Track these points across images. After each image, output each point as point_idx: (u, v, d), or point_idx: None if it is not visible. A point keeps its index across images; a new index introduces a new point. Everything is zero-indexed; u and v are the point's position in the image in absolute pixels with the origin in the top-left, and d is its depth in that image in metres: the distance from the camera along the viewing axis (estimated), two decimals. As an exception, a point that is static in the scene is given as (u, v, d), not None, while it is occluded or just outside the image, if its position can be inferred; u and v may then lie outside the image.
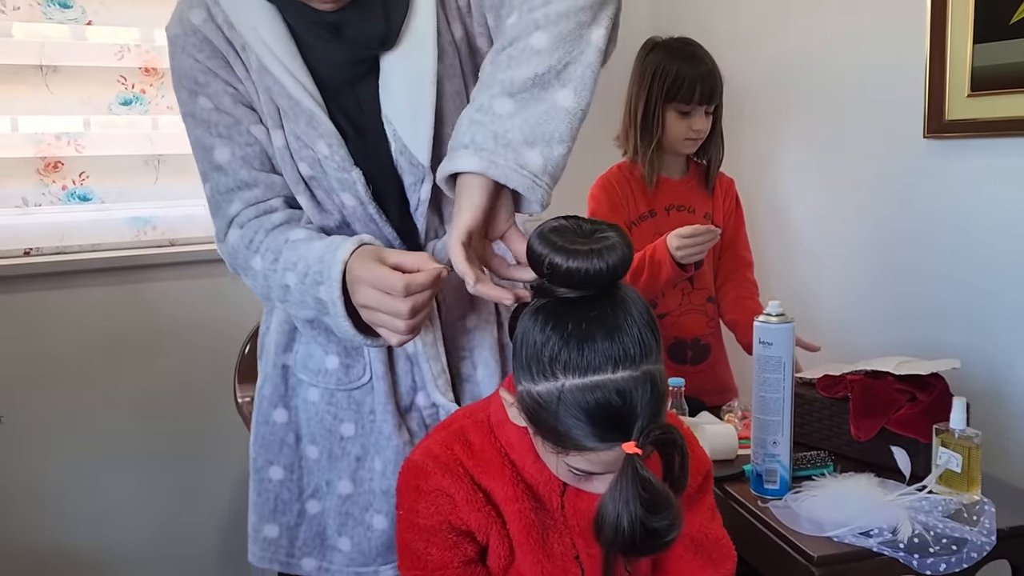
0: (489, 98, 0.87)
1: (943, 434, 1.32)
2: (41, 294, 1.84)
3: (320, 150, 1.00)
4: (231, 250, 1.06)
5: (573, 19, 0.88)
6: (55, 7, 1.78)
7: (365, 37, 0.97)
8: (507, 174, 0.85)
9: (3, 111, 1.78)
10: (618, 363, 0.78)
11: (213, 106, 1.02)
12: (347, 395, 1.10)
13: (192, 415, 2.00)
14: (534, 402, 0.81)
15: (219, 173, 1.04)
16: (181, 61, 1.02)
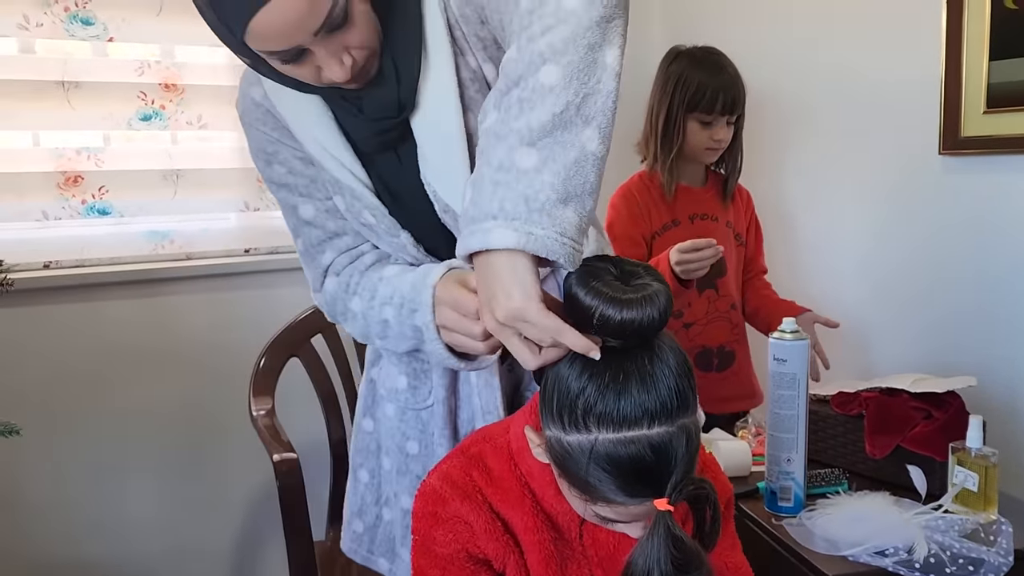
0: (508, 151, 0.77)
1: (959, 452, 1.31)
2: (60, 307, 1.85)
3: (367, 219, 1.04)
4: (329, 299, 1.10)
5: (582, 43, 0.78)
6: (77, 24, 1.80)
7: (381, 108, 0.98)
8: (548, 245, 0.75)
9: (25, 126, 1.80)
10: (654, 418, 0.76)
11: (287, 171, 1.07)
12: (415, 415, 1.13)
13: (208, 428, 2.01)
14: (563, 451, 0.80)
15: (309, 227, 1.09)
16: (251, 134, 1.08)
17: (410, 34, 0.96)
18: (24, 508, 1.87)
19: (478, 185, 0.79)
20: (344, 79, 0.91)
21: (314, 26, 0.86)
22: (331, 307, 1.11)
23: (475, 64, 0.99)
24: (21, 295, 1.80)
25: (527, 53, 0.79)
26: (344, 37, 0.89)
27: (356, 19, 0.90)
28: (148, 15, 1.87)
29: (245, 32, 0.85)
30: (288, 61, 0.89)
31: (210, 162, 1.99)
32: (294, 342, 1.81)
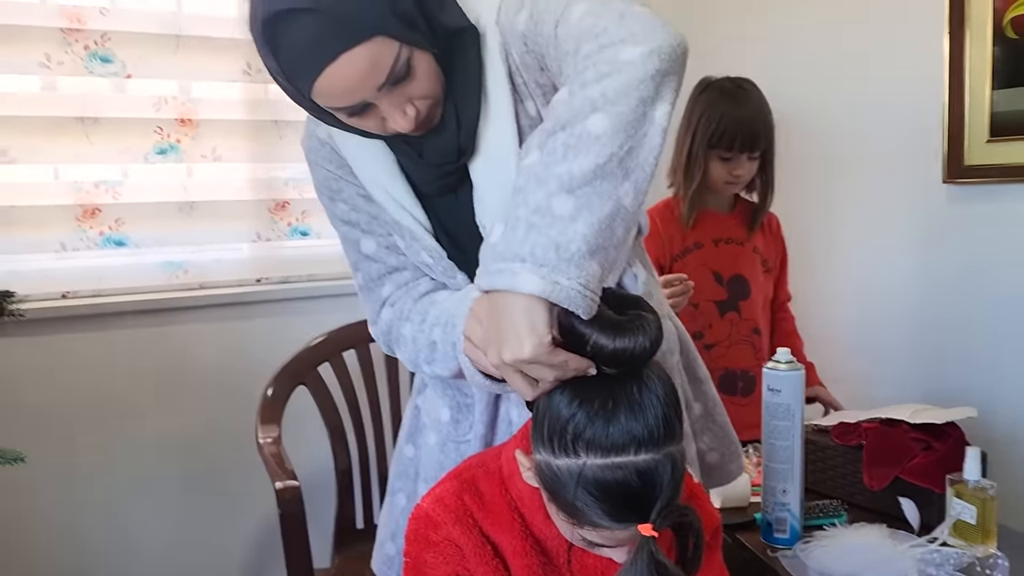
0: (546, 196, 0.77)
1: (957, 485, 1.30)
2: (77, 336, 1.90)
3: (424, 259, 1.06)
4: (385, 328, 1.11)
5: (635, 96, 0.78)
6: (97, 62, 1.87)
7: (441, 154, 1.00)
8: (571, 296, 0.76)
9: (46, 161, 1.86)
10: (641, 444, 0.78)
11: (351, 207, 1.09)
12: (455, 446, 1.14)
13: (221, 455, 2.04)
14: (552, 475, 0.82)
15: (369, 261, 1.11)
16: (316, 172, 1.10)
17: (471, 81, 0.98)
18: (37, 535, 1.91)
19: (512, 224, 0.79)
20: (408, 129, 0.93)
21: (376, 83, 0.88)
22: (386, 336, 1.12)
23: (534, 110, 1.00)
24: (39, 324, 1.85)
25: (578, 98, 0.79)
26: (407, 89, 0.91)
27: (418, 71, 0.91)
28: (165, 52, 1.94)
29: (311, 91, 0.88)
30: (353, 114, 0.92)
31: (223, 194, 2.04)
32: (301, 371, 1.84)
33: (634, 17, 0.82)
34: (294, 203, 2.12)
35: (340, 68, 0.86)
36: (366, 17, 0.86)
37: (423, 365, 1.07)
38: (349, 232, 1.11)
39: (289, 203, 2.11)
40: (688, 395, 1.22)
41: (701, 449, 1.22)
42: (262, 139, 2.05)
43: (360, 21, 0.86)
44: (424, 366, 1.07)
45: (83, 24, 1.85)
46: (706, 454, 1.22)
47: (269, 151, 2.07)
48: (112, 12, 1.88)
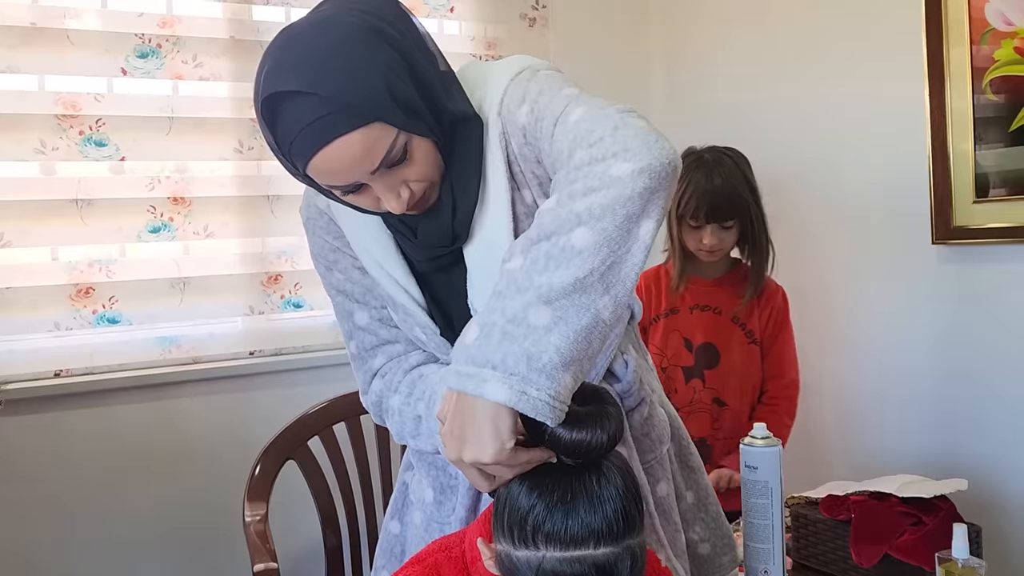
0: (524, 306, 0.78)
1: (946, 563, 1.25)
2: (70, 413, 1.92)
3: (417, 335, 1.08)
4: (376, 399, 1.12)
5: (621, 212, 0.78)
6: (91, 146, 1.92)
7: (435, 238, 1.02)
8: (538, 407, 0.77)
9: (40, 243, 1.90)
10: (600, 539, 0.78)
11: (346, 278, 1.12)
12: (439, 528, 1.14)
13: (215, 530, 2.03)
14: (512, 566, 0.82)
15: (362, 332, 1.12)
16: (313, 241, 1.13)
17: (471, 167, 0.99)
18: (31, 613, 1.90)
19: (487, 329, 0.80)
20: (400, 211, 0.95)
21: (371, 167, 0.90)
22: (377, 408, 1.13)
23: (531, 199, 1.01)
24: (32, 403, 1.87)
25: (565, 209, 0.80)
26: (403, 172, 0.93)
27: (415, 155, 0.93)
28: (159, 134, 1.98)
29: (307, 167, 0.91)
30: (348, 192, 0.94)
31: (216, 268, 2.07)
32: (290, 446, 1.83)
33: (629, 129, 0.83)
34: (287, 276, 2.14)
35: (335, 150, 0.88)
36: (366, 104, 0.87)
37: (408, 438, 1.08)
38: (343, 302, 1.13)
39: (282, 276, 2.13)
40: (680, 484, 1.21)
41: (692, 539, 1.20)
42: (254, 214, 2.09)
43: (359, 107, 0.87)
44: (409, 439, 1.08)
45: (78, 110, 1.90)
46: (698, 545, 1.21)
47: (261, 225, 2.10)
48: (107, 98, 1.93)
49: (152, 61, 1.96)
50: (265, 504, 1.75)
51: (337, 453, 1.88)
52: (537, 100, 0.95)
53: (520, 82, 0.99)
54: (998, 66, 1.69)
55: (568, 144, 0.86)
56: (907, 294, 1.83)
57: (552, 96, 0.94)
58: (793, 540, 1.52)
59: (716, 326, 1.86)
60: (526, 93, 0.97)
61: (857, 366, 1.94)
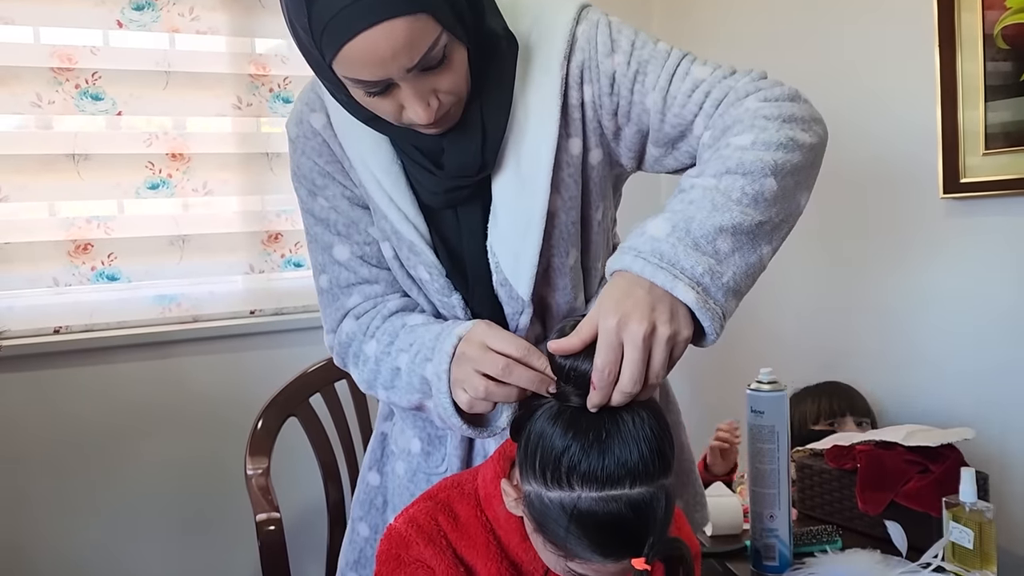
0: (716, 228, 0.81)
1: (953, 508, 1.25)
2: (70, 370, 1.91)
3: (420, 275, 1.02)
4: (344, 339, 1.07)
5: (802, 179, 0.87)
6: (87, 100, 1.89)
7: (459, 166, 0.96)
8: (714, 319, 0.80)
9: (38, 198, 1.88)
10: (635, 477, 0.78)
11: (331, 207, 1.05)
12: (426, 478, 1.12)
13: (215, 488, 2.03)
14: (543, 508, 0.80)
15: (340, 267, 1.07)
16: (301, 162, 1.05)
17: (503, 92, 0.95)
18: (35, 568, 1.90)
19: (679, 233, 0.81)
20: (426, 122, 0.88)
21: (409, 63, 0.83)
22: (343, 349, 1.07)
23: (578, 149, 0.98)
24: (32, 360, 1.86)
25: (759, 155, 0.84)
26: (436, 79, 0.87)
27: (452, 63, 0.87)
28: (156, 89, 1.96)
29: (336, 55, 0.82)
30: (373, 93, 0.86)
31: (216, 227, 2.05)
32: (292, 402, 1.82)
33: (806, 103, 0.91)
34: (287, 235, 2.12)
35: (376, 36, 0.80)
36: None
37: (380, 389, 1.03)
38: (322, 233, 1.07)
39: (282, 235, 2.11)
40: None
41: None
42: (253, 172, 2.06)
43: None
44: (381, 390, 1.03)
45: (74, 63, 1.88)
46: None
47: (261, 183, 2.07)
48: (103, 51, 1.91)
49: (148, 14, 1.93)
50: (267, 459, 1.74)
51: (339, 410, 1.87)
52: (634, 52, 0.95)
53: (598, 26, 0.97)
54: (1010, 14, 1.66)
55: (739, 91, 0.91)
56: (916, 248, 1.81)
57: (652, 50, 0.96)
58: (798, 492, 1.51)
59: None
60: (616, 41, 0.96)
61: (864, 321, 1.92)
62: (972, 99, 1.72)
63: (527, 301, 0.99)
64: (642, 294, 0.79)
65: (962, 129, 1.73)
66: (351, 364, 1.07)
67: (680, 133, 0.96)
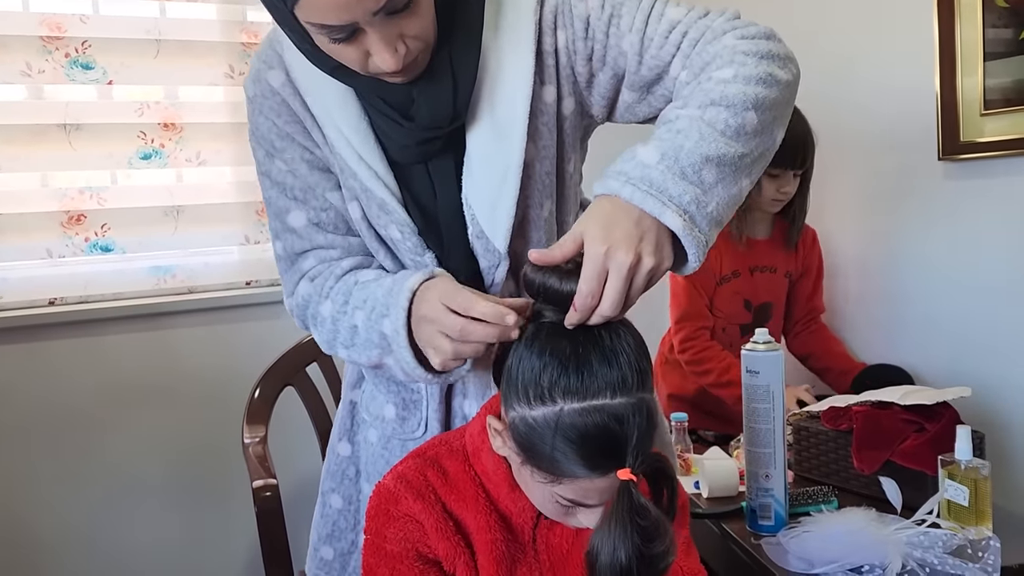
0: (702, 158, 0.82)
1: (949, 466, 1.25)
2: (65, 342, 1.90)
3: (392, 234, 1.00)
4: (301, 302, 1.05)
5: (779, 114, 0.88)
6: (78, 68, 1.88)
7: (431, 116, 0.93)
8: (698, 245, 0.81)
9: (30, 168, 1.87)
10: (616, 389, 0.79)
11: (289, 170, 1.02)
12: (401, 444, 1.10)
13: (211, 457, 2.03)
14: (528, 428, 0.81)
15: (294, 235, 1.04)
16: (258, 122, 1.02)
17: (471, 39, 0.94)
18: (31, 542, 1.91)
19: (668, 161, 0.82)
20: (393, 68, 0.86)
21: (375, 4, 0.81)
22: (301, 311, 1.06)
23: (552, 97, 0.98)
24: (27, 331, 1.86)
25: (741, 88, 0.85)
26: (403, 23, 0.85)
27: (419, 7, 0.85)
28: (146, 58, 1.94)
29: (299, 1, 0.80)
30: (338, 40, 0.84)
31: (210, 197, 2.03)
32: (288, 372, 1.82)
33: (778, 41, 0.92)
34: (282, 205, 2.10)
35: None
36: None
37: (340, 348, 1.02)
38: (278, 198, 1.03)
39: (277, 205, 2.10)
40: None
41: None
42: (247, 142, 2.02)
43: None
44: (341, 349, 1.02)
45: (63, 32, 1.86)
46: None
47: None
48: (92, 20, 1.89)
49: (138, -19, 1.91)
50: (264, 427, 1.74)
51: (335, 379, 1.87)
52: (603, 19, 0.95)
53: None
54: (1010, -27, 1.64)
55: (716, 30, 0.91)
56: (914, 211, 1.80)
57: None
58: (795, 454, 1.51)
59: (771, 284, 1.88)
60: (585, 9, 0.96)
61: (864, 285, 1.92)
62: (970, 62, 1.70)
63: (503, 254, 0.98)
64: (630, 224, 0.80)
65: (960, 91, 1.72)
66: (311, 326, 1.06)
67: (657, 75, 0.95)
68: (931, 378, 1.61)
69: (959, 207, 1.70)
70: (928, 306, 1.75)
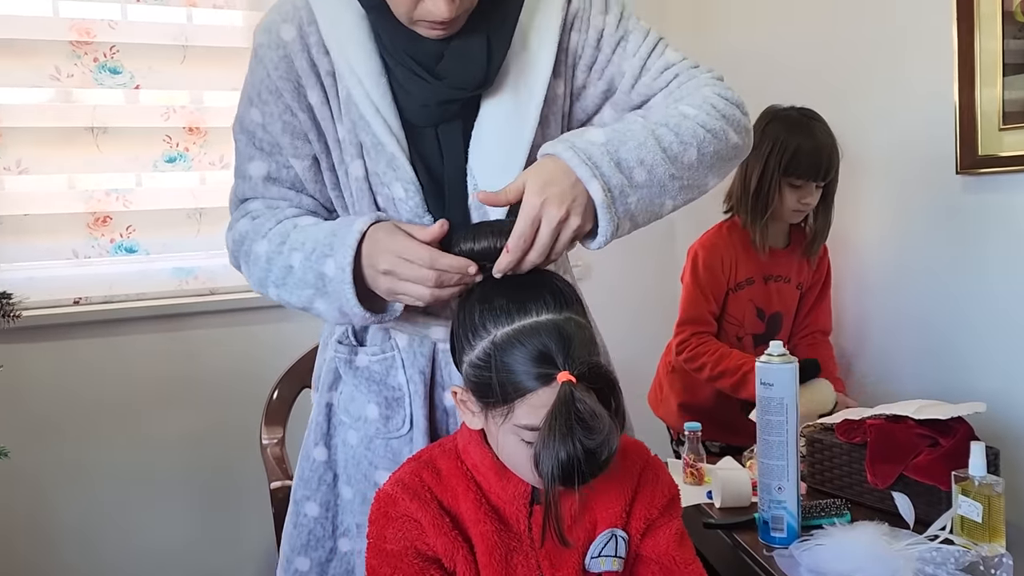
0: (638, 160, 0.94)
1: (962, 481, 1.25)
2: (89, 341, 1.94)
3: (396, 192, 1.01)
4: (238, 236, 1.08)
5: (718, 168, 1.01)
6: (106, 73, 1.91)
7: (461, 77, 0.97)
8: (611, 223, 0.92)
9: (57, 170, 1.91)
10: (540, 308, 0.87)
11: (262, 123, 1.05)
12: (385, 443, 1.11)
13: (229, 458, 2.06)
14: (475, 368, 0.88)
15: (249, 182, 1.08)
16: (255, 69, 1.04)
17: (511, 14, 1.00)
18: (54, 537, 1.94)
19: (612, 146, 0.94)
20: (446, 17, 0.91)
21: None
22: (236, 246, 1.08)
23: (561, 91, 1.05)
24: (52, 330, 1.89)
25: (693, 128, 0.98)
26: None
27: None
28: (173, 63, 1.97)
29: None
30: None
31: (232, 200, 2.06)
32: (307, 373, 1.84)
33: (744, 113, 1.05)
34: (303, 209, 2.13)
35: None
36: None
37: (271, 287, 1.04)
38: (246, 145, 1.07)
39: (298, 209, 2.12)
40: None
41: None
42: (270, 146, 2.07)
43: None
44: (272, 288, 1.04)
45: (92, 37, 1.89)
46: None
47: (277, 158, 2.08)
48: (120, 25, 1.92)
49: (165, -13, 1.94)
50: (282, 428, 1.76)
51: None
52: (623, 18, 1.06)
53: None
54: (1031, -14, 1.64)
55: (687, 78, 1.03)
56: (930, 225, 1.79)
57: (636, 23, 1.08)
58: (808, 466, 1.51)
59: (783, 294, 1.88)
60: (608, 3, 1.07)
61: (879, 298, 1.92)
62: (990, 76, 1.70)
63: None
64: (567, 185, 0.91)
65: (979, 105, 1.72)
66: (243, 262, 1.08)
67: (642, 102, 1.06)
68: (947, 393, 1.60)
69: (976, 221, 1.70)
70: (944, 320, 1.75)
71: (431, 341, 1.08)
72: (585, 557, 0.97)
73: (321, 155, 1.06)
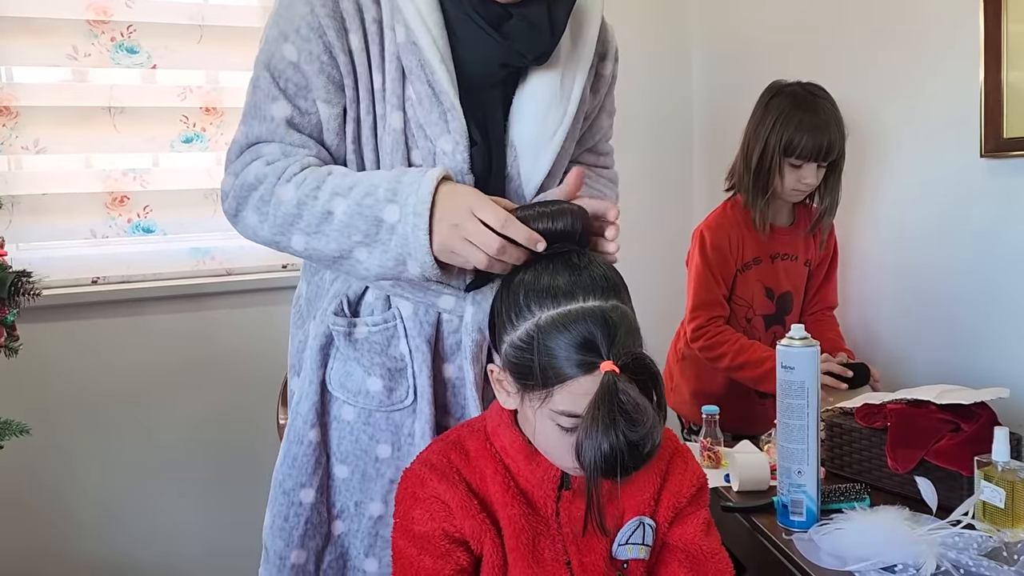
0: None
1: (985, 467, 1.23)
2: (107, 320, 1.95)
3: (442, 146, 0.99)
4: (250, 181, 0.98)
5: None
6: (123, 53, 1.91)
7: (528, 42, 0.98)
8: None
9: (75, 150, 1.91)
10: (587, 293, 0.85)
11: (295, 61, 0.97)
12: (386, 416, 1.08)
13: (246, 438, 2.07)
14: (516, 349, 0.87)
15: (267, 124, 0.99)
16: (294, 4, 0.97)
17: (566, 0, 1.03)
18: (73, 514, 1.96)
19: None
20: None
21: None
22: (245, 191, 0.99)
23: (587, 94, 1.10)
24: (70, 309, 1.90)
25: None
26: None
27: None
28: (190, 43, 1.97)
29: None
30: None
31: (249, 181, 2.06)
32: (323, 354, 1.85)
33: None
34: (319, 190, 2.13)
35: None
36: None
37: (297, 234, 0.97)
38: (268, 84, 0.98)
39: (314, 190, 2.12)
40: None
41: None
42: (286, 126, 2.07)
43: None
44: (298, 235, 0.97)
45: (109, 16, 1.89)
46: None
47: (293, 138, 2.08)
48: (137, 4, 1.92)
49: (182, -34, 1.93)
50: (298, 409, 1.77)
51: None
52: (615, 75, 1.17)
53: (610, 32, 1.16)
54: (1061, -33, 1.60)
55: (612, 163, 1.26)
56: (954, 208, 1.77)
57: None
58: (827, 450, 1.50)
59: (790, 273, 1.85)
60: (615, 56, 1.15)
61: (900, 281, 1.90)
62: (1017, 57, 1.67)
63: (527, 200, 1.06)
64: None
65: (1005, 87, 1.69)
66: (250, 208, 0.99)
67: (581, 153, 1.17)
68: (968, 378, 1.59)
69: (1000, 205, 1.68)
70: (967, 304, 1.73)
71: (436, 310, 1.05)
72: (612, 544, 0.97)
73: (351, 104, 1.01)
